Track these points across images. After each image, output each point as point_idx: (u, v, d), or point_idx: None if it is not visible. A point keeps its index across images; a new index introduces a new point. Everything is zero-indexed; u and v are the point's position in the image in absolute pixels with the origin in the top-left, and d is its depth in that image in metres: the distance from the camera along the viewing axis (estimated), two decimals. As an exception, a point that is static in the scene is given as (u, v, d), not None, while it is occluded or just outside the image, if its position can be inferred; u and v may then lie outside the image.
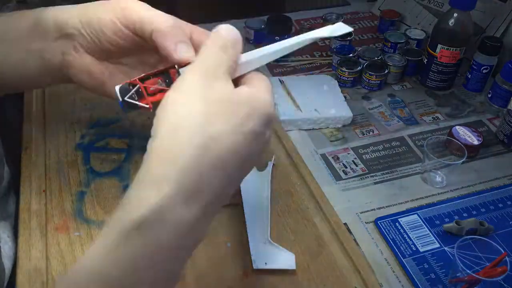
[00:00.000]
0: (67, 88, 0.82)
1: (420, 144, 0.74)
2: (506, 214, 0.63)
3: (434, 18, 0.96)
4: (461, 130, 0.72)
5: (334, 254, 0.57)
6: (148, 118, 0.76)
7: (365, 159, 0.71)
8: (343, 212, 0.63)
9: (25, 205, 0.61)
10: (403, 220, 0.62)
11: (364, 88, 0.86)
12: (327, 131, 0.76)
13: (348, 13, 1.09)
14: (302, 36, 0.44)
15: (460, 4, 0.78)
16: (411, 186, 0.68)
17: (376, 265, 0.57)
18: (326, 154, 0.72)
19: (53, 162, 0.68)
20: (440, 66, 0.83)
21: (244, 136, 0.33)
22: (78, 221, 0.60)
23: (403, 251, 0.58)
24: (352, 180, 0.68)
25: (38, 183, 0.64)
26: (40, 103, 0.78)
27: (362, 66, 0.85)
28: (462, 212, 0.63)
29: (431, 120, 0.80)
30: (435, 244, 0.59)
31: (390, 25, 1.00)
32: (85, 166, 0.67)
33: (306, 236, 0.58)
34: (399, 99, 0.84)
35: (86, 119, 0.75)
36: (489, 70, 0.83)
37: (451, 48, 0.80)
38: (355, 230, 0.61)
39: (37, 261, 0.55)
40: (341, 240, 0.58)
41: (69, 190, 0.64)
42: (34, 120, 0.75)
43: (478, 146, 0.71)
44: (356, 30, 1.03)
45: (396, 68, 0.86)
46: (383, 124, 0.78)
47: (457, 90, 0.87)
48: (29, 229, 0.58)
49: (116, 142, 0.71)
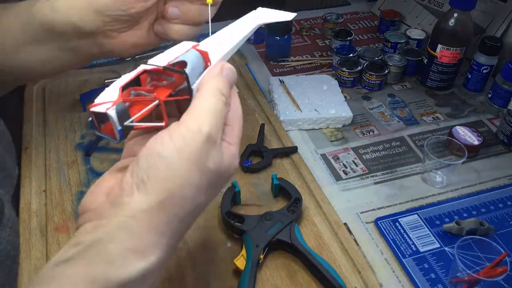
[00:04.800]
0: (67, 88, 0.82)
1: (420, 144, 0.74)
2: (506, 214, 0.63)
3: (434, 18, 0.96)
4: (461, 130, 0.72)
5: (334, 254, 0.57)
6: (148, 118, 0.76)
7: (365, 159, 0.71)
8: (343, 212, 0.63)
9: (25, 205, 0.61)
10: (403, 220, 0.62)
11: (364, 88, 0.86)
12: (327, 131, 0.76)
13: (348, 13, 1.09)
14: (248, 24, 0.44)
15: (460, 4, 0.78)
16: (411, 186, 0.68)
17: (376, 265, 0.57)
18: (326, 154, 0.72)
19: (53, 162, 0.68)
20: (440, 66, 0.83)
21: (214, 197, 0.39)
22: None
23: (403, 251, 0.58)
24: (352, 180, 0.68)
25: (38, 183, 0.64)
26: (40, 103, 0.78)
27: (362, 66, 0.85)
28: (462, 212, 0.63)
29: (431, 120, 0.80)
30: (435, 244, 0.59)
31: (390, 25, 1.00)
32: (85, 166, 0.67)
33: (306, 236, 0.58)
34: (399, 99, 0.84)
35: (86, 119, 0.75)
36: (489, 70, 0.83)
37: (451, 48, 0.80)
38: (355, 230, 0.61)
39: (37, 261, 0.55)
40: (341, 240, 0.58)
41: (69, 190, 0.64)
42: (34, 120, 0.75)
43: (478, 146, 0.71)
44: (356, 30, 1.03)
45: (396, 68, 0.86)
46: (383, 124, 0.78)
47: (457, 90, 0.87)
48: (29, 229, 0.58)
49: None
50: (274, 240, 0.55)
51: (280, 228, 0.56)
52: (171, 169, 0.33)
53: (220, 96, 0.36)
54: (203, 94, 0.36)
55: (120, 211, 0.33)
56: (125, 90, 0.35)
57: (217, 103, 0.36)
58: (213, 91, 0.36)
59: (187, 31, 0.53)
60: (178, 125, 0.34)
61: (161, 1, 0.53)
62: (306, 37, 1.01)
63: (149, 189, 0.33)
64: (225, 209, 0.59)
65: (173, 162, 0.33)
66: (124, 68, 0.86)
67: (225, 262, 0.55)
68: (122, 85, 0.35)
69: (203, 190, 0.35)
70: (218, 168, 0.36)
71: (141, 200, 0.33)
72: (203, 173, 0.34)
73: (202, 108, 0.35)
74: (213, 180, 0.36)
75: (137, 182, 0.33)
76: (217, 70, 0.38)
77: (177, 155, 0.33)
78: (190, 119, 0.34)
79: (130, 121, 0.34)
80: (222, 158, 0.36)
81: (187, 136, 0.33)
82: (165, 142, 0.33)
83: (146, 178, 0.33)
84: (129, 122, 0.34)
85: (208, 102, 0.36)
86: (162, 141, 0.34)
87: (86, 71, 0.85)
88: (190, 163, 0.33)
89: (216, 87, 0.37)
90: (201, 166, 0.34)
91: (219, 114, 0.36)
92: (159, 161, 0.33)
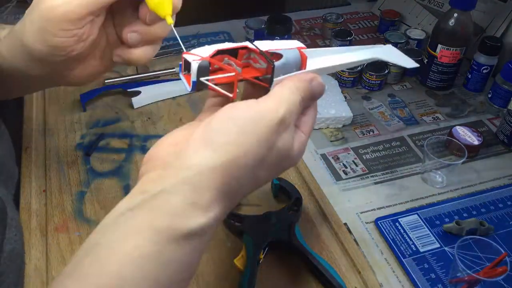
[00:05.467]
0: (67, 88, 0.82)
1: (420, 144, 0.74)
2: (506, 214, 0.63)
3: (434, 18, 0.96)
4: (461, 130, 0.72)
5: (334, 254, 0.57)
6: (148, 118, 0.76)
7: (365, 159, 0.71)
8: (343, 212, 0.63)
9: (25, 205, 0.61)
10: (403, 220, 0.62)
11: (364, 88, 0.86)
12: (327, 131, 0.76)
13: (348, 13, 1.09)
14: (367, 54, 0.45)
15: (460, 4, 0.78)
16: (411, 186, 0.68)
17: (376, 265, 0.57)
18: (326, 154, 0.72)
19: (53, 162, 0.68)
20: (440, 66, 0.83)
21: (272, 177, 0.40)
22: (78, 221, 0.60)
23: (403, 251, 0.58)
24: (352, 180, 0.68)
25: (38, 183, 0.64)
26: (40, 103, 0.78)
27: (362, 66, 0.85)
28: (462, 212, 0.63)
29: (431, 120, 0.80)
30: (435, 244, 0.59)
31: (390, 25, 1.00)
32: (85, 166, 0.67)
33: (306, 236, 0.58)
34: (399, 99, 0.84)
35: (86, 119, 0.76)
36: (489, 70, 0.83)
37: (451, 48, 0.80)
38: (355, 230, 0.61)
39: (37, 261, 0.55)
40: (341, 240, 0.58)
41: (69, 190, 0.64)
42: (34, 120, 0.75)
43: (478, 146, 0.71)
44: (356, 30, 1.03)
45: (396, 68, 0.86)
46: (383, 124, 0.78)
47: (457, 90, 0.87)
48: (29, 229, 0.58)
49: (116, 142, 0.71)
50: (274, 240, 0.55)
51: (280, 228, 0.56)
52: (242, 135, 0.35)
53: (298, 96, 0.39)
54: (284, 87, 0.38)
55: (186, 164, 0.34)
56: (220, 55, 0.39)
57: (295, 98, 0.38)
58: (293, 89, 0.39)
59: (150, 52, 0.49)
60: (257, 101, 0.37)
61: (109, 27, 0.49)
62: (306, 37, 1.01)
63: (216, 148, 0.34)
64: (225, 209, 0.59)
65: (246, 130, 0.35)
66: (124, 68, 0.86)
67: (225, 262, 0.55)
68: (218, 49, 0.39)
69: (266, 165, 0.37)
70: (287, 151, 0.38)
71: (206, 157, 0.34)
72: (270, 149, 0.36)
73: (281, 95, 0.38)
74: (279, 160, 0.38)
75: (206, 140, 0.35)
76: (307, 78, 0.40)
77: (251, 125, 0.35)
78: (270, 100, 0.37)
79: (205, 79, 0.38)
80: (292, 143, 0.38)
81: (264, 111, 0.36)
82: (242, 110, 0.36)
83: (216, 138, 0.35)
84: (204, 79, 0.38)
85: (286, 93, 0.38)
86: (239, 109, 0.36)
87: (86, 71, 0.85)
88: (261, 136, 0.35)
89: (298, 88, 0.39)
90: (269, 143, 0.36)
91: (295, 105, 0.38)
92: (232, 126, 0.35)
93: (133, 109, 0.78)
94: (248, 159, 0.35)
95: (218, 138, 0.34)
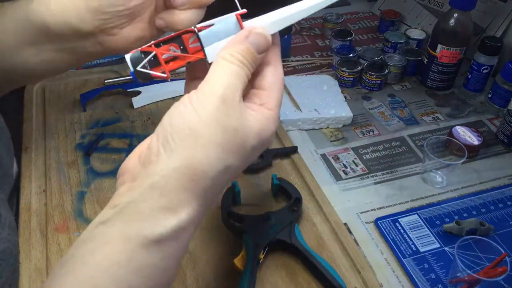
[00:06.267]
0: (67, 88, 0.82)
1: (420, 144, 0.74)
2: (506, 214, 0.63)
3: (434, 18, 0.96)
4: (461, 130, 0.72)
5: (334, 254, 0.57)
6: (148, 118, 0.76)
7: (365, 159, 0.71)
8: (343, 212, 0.63)
9: (25, 205, 0.61)
10: (403, 220, 0.62)
11: (364, 88, 0.86)
12: (327, 131, 0.76)
13: (348, 13, 1.09)
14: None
15: (460, 4, 0.78)
16: (411, 186, 0.68)
17: (376, 265, 0.57)
18: (326, 154, 0.72)
19: (53, 162, 0.68)
20: (440, 66, 0.83)
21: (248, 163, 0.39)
22: (78, 221, 0.60)
23: (403, 251, 0.58)
24: (352, 180, 0.68)
25: (38, 183, 0.64)
26: (40, 103, 0.78)
27: (362, 66, 0.85)
28: (462, 212, 0.63)
29: (431, 120, 0.80)
30: (435, 244, 0.59)
31: (390, 25, 1.00)
32: (85, 166, 0.67)
33: (306, 236, 0.58)
34: (399, 99, 0.84)
35: (86, 119, 0.76)
36: (489, 70, 0.83)
37: (451, 48, 0.80)
38: (355, 230, 0.61)
39: (37, 261, 0.55)
40: (341, 240, 0.58)
41: (69, 190, 0.64)
42: (34, 120, 0.75)
43: (478, 146, 0.71)
44: (356, 30, 1.03)
45: (396, 68, 0.86)
46: (383, 124, 0.78)
47: (457, 90, 0.87)
48: (29, 229, 0.58)
49: (116, 142, 0.71)
50: (274, 240, 0.55)
51: (280, 228, 0.56)
52: (193, 129, 0.34)
53: (235, 62, 0.37)
54: (217, 62, 0.38)
55: (151, 171, 0.34)
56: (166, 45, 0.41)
57: (231, 67, 0.37)
58: (227, 58, 0.38)
59: (194, 17, 0.49)
60: (196, 91, 0.36)
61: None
62: (306, 37, 1.01)
63: (174, 148, 0.34)
64: (225, 209, 0.59)
65: (193, 122, 0.35)
66: (124, 68, 0.86)
67: (225, 262, 0.55)
68: (155, 42, 0.41)
69: (230, 150, 0.36)
70: (247, 128, 0.37)
71: (168, 159, 0.34)
72: (226, 131, 0.35)
73: (215, 72, 0.37)
74: (242, 140, 0.36)
75: (163, 142, 0.35)
76: (241, 37, 0.39)
77: (196, 116, 0.35)
78: (205, 84, 0.36)
79: (140, 66, 0.40)
80: (247, 118, 0.37)
81: (202, 99, 0.35)
82: (186, 105, 0.35)
83: (171, 138, 0.35)
84: (139, 67, 0.40)
85: (220, 66, 0.37)
86: (183, 103, 0.36)
87: (86, 71, 0.85)
88: (209, 122, 0.35)
89: (232, 54, 0.38)
90: (221, 125, 0.35)
91: (234, 76, 0.37)
92: (181, 122, 0.35)
93: (133, 109, 0.78)
94: (208, 150, 0.34)
95: (172, 137, 0.35)
